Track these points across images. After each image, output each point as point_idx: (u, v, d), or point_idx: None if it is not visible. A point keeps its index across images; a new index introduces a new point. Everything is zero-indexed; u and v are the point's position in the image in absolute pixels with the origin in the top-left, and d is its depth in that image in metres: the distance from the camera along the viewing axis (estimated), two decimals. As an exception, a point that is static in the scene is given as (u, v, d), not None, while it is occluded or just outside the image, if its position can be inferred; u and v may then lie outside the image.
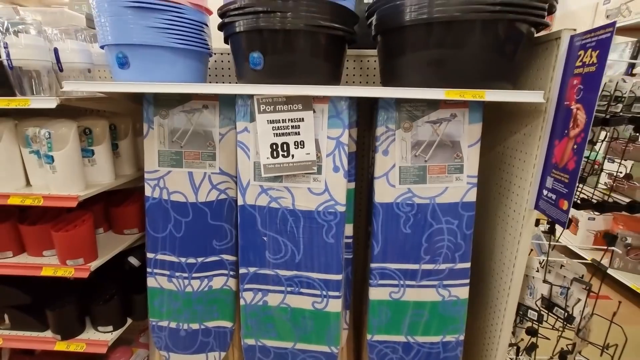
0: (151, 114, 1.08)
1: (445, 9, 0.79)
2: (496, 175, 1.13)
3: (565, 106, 0.85)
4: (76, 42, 1.01)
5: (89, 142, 1.08)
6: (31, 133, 1.01)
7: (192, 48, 0.96)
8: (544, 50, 0.91)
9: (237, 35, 0.90)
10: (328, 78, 0.95)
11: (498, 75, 0.88)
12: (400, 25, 0.86)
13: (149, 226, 1.12)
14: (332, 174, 0.96)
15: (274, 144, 0.92)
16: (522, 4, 0.77)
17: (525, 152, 0.98)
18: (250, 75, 0.92)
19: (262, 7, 0.82)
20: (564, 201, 0.83)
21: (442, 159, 1.00)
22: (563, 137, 0.85)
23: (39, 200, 0.97)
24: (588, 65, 0.77)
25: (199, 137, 1.09)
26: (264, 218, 1.00)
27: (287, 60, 0.87)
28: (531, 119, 0.95)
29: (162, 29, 0.89)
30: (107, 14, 0.88)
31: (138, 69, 0.92)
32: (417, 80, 0.89)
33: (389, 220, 1.02)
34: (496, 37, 0.82)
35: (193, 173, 1.10)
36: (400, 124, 0.99)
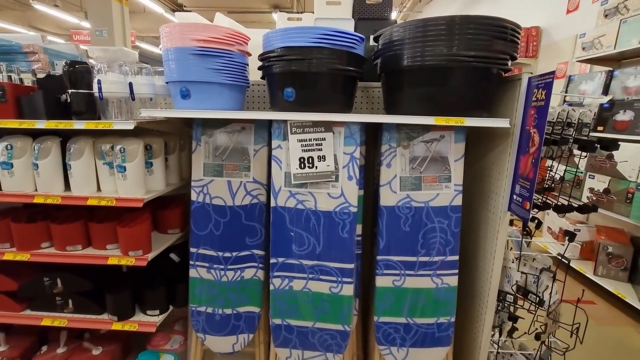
0: (199, 133, 1.34)
1: (434, 57, 1.06)
2: (478, 184, 1.38)
3: (526, 130, 1.11)
4: (145, 78, 1.28)
5: (149, 156, 1.33)
6: (105, 148, 1.26)
7: (237, 83, 1.23)
8: (511, 87, 1.18)
9: (274, 75, 1.17)
10: (344, 107, 1.21)
11: (476, 106, 1.14)
12: (400, 68, 1.14)
13: (193, 225, 1.36)
14: (347, 182, 1.21)
15: (302, 157, 1.17)
16: (490, 56, 1.05)
17: (499, 165, 1.24)
18: (283, 105, 1.18)
19: (294, 56, 1.09)
20: (527, 202, 1.07)
21: (434, 171, 1.25)
22: (525, 153, 1.10)
23: (111, 202, 1.22)
24: (539, 100, 1.03)
25: (237, 152, 1.34)
26: (292, 217, 1.24)
27: (312, 94, 1.14)
28: (503, 139, 1.21)
29: (216, 70, 1.16)
30: (174, 58, 1.15)
31: (196, 99, 1.19)
32: (413, 109, 1.16)
33: (392, 220, 1.26)
34: (473, 78, 1.09)
35: (231, 181, 1.35)
36: (400, 143, 1.24)
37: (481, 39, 1.04)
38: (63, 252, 1.31)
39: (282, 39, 1.11)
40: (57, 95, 1.23)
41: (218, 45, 1.13)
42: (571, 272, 2.82)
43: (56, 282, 1.36)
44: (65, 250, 1.31)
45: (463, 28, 1.03)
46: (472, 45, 1.03)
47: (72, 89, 1.19)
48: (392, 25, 1.14)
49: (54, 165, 1.27)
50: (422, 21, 1.07)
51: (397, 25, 1.12)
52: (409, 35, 1.09)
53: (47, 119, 1.20)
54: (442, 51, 1.05)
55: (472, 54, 1.03)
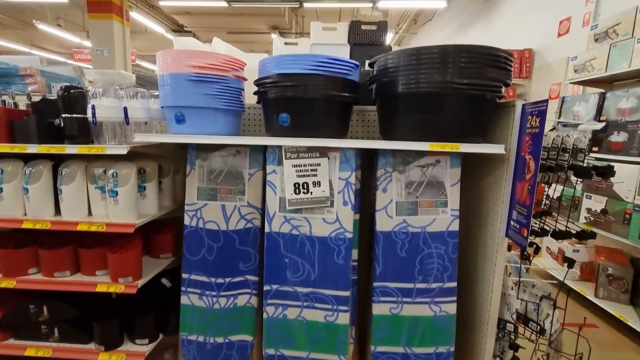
0: (194, 157, 1.33)
1: (428, 85, 1.07)
2: (475, 209, 1.37)
3: (522, 156, 1.10)
4: (140, 102, 1.28)
5: (142, 180, 1.31)
6: (98, 172, 1.25)
7: (232, 108, 1.23)
8: (505, 113, 1.19)
9: (269, 100, 1.17)
10: (339, 132, 1.21)
11: (471, 132, 1.14)
12: (394, 94, 1.14)
13: (186, 250, 1.33)
14: (342, 207, 1.19)
15: (296, 183, 1.16)
16: (484, 83, 1.06)
17: (496, 190, 1.23)
18: (278, 130, 1.18)
19: (290, 83, 1.10)
20: (524, 229, 1.06)
21: (430, 196, 1.24)
22: (522, 179, 1.10)
23: (102, 227, 1.19)
24: (534, 127, 1.03)
25: (231, 176, 1.33)
26: (286, 243, 1.21)
27: (307, 120, 1.14)
28: (498, 165, 1.21)
29: (212, 95, 1.17)
30: (170, 84, 1.16)
31: (191, 124, 1.18)
32: (408, 134, 1.16)
33: (388, 245, 1.24)
34: (467, 105, 1.10)
35: (225, 205, 1.33)
36: (395, 168, 1.24)
37: (474, 67, 1.05)
38: (51, 278, 1.27)
39: (277, 65, 1.12)
40: (50, 119, 1.22)
41: (213, 71, 1.14)
42: (572, 294, 2.77)
43: (42, 309, 1.31)
44: (53, 276, 1.27)
45: (456, 57, 1.04)
46: (465, 73, 1.04)
47: (66, 113, 1.19)
48: (387, 53, 1.16)
49: (45, 189, 1.25)
50: (415, 50, 1.08)
51: (392, 53, 1.14)
52: (403, 62, 1.10)
53: (39, 143, 1.19)
54: (436, 78, 1.06)
55: (466, 81, 1.04)
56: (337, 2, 6.06)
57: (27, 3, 7.32)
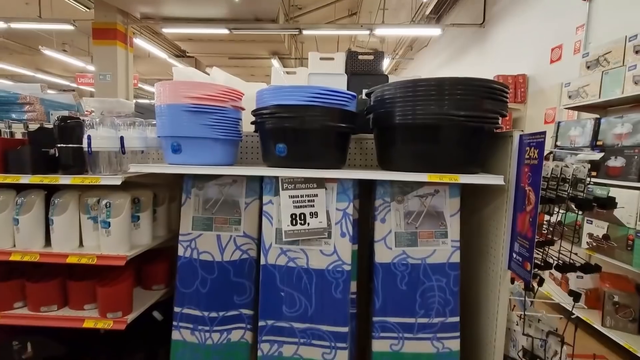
0: (190, 186, 1.31)
1: (425, 116, 1.07)
2: (476, 239, 1.34)
3: (522, 187, 1.09)
4: (137, 131, 1.28)
5: (136, 209, 1.29)
6: (91, 202, 1.23)
7: (229, 138, 1.23)
8: (503, 143, 1.19)
9: (266, 130, 1.17)
10: (336, 162, 1.20)
11: (469, 162, 1.14)
12: (392, 125, 1.14)
13: (179, 282, 1.29)
14: (340, 239, 1.16)
15: (293, 214, 1.14)
16: (480, 115, 1.06)
17: (496, 221, 1.21)
18: (275, 160, 1.17)
19: (287, 114, 1.10)
20: (527, 263, 1.03)
21: (430, 226, 1.21)
22: (522, 211, 1.08)
23: (92, 259, 1.15)
24: (532, 159, 1.03)
25: (227, 205, 1.31)
26: (283, 276, 1.18)
27: (304, 150, 1.13)
28: (498, 195, 1.19)
29: (209, 125, 1.16)
30: (167, 114, 1.16)
31: (187, 154, 1.17)
32: (406, 164, 1.15)
33: (388, 278, 1.20)
34: (465, 135, 1.09)
35: (221, 235, 1.30)
36: (394, 198, 1.22)
37: (470, 99, 1.05)
38: (36, 313, 1.22)
39: (275, 97, 1.13)
40: (46, 149, 1.21)
41: (210, 102, 1.14)
42: (578, 322, 2.68)
43: (26, 346, 1.25)
44: (39, 311, 1.22)
45: (452, 89, 1.05)
46: (462, 105, 1.05)
47: (62, 143, 1.18)
48: (384, 84, 1.16)
49: (35, 220, 1.22)
50: (412, 81, 1.09)
51: (388, 85, 1.15)
52: (400, 94, 1.11)
53: (33, 173, 1.17)
54: (433, 110, 1.06)
55: (463, 113, 1.04)
56: (335, 30, 6.26)
57: (35, 30, 7.55)
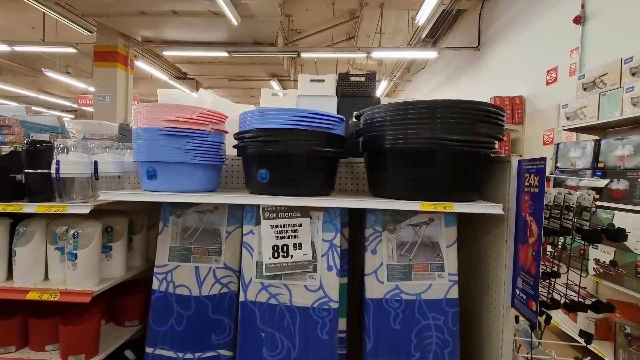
0: (168, 213, 1.23)
1: (417, 140, 1.00)
2: (476, 270, 1.24)
3: (522, 216, 1.00)
4: (112, 155, 1.21)
5: (108, 239, 1.20)
6: (60, 232, 1.14)
7: (210, 162, 1.15)
8: (500, 168, 1.11)
9: (248, 155, 1.10)
10: (323, 188, 1.12)
11: (465, 189, 1.06)
12: (382, 149, 1.07)
13: (152, 320, 1.18)
14: (326, 273, 1.07)
15: (275, 245, 1.05)
16: (474, 140, 0.99)
17: (496, 252, 1.11)
18: (257, 186, 1.09)
19: (270, 137, 1.03)
20: (532, 302, 0.93)
21: (425, 258, 1.12)
22: (524, 243, 0.99)
23: (55, 296, 1.05)
24: (533, 186, 0.95)
25: (207, 234, 1.22)
26: (263, 314, 1.07)
27: (288, 176, 1.06)
28: (497, 224, 1.10)
29: (187, 150, 1.09)
30: (142, 137, 1.09)
31: (164, 180, 1.10)
32: (397, 191, 1.07)
33: (380, 315, 1.09)
34: (459, 161, 1.02)
35: (199, 267, 1.20)
36: (386, 227, 1.13)
37: (464, 123, 0.99)
38: (-8, 355, 1.10)
39: (257, 120, 1.06)
40: (14, 174, 1.13)
41: (188, 125, 1.08)
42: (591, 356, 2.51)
43: (-21, 392, 1.13)
44: (-5, 352, 1.11)
45: (445, 112, 0.99)
46: (455, 129, 0.98)
47: (30, 168, 1.11)
48: (373, 107, 1.10)
49: (-2, 251, 1.13)
50: (402, 104, 1.03)
51: (378, 107, 1.09)
52: (390, 117, 1.04)
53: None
54: (425, 134, 0.99)
55: (457, 137, 0.97)
56: (333, 53, 6.35)
57: (38, 53, 7.69)
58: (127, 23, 5.52)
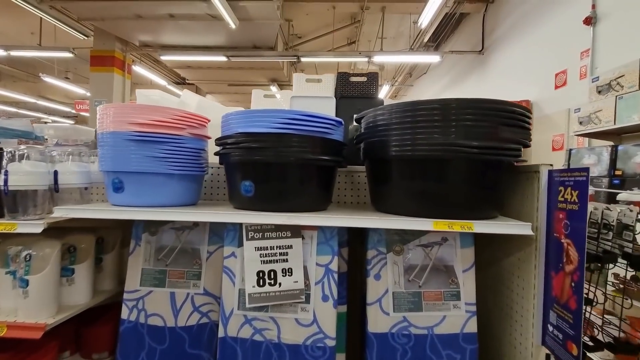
0: (140, 230, 1.07)
1: (427, 147, 0.84)
2: (496, 297, 1.07)
3: (555, 238, 0.84)
4: (77, 164, 1.06)
5: (71, 261, 1.04)
6: (13, 253, 0.98)
7: (187, 172, 1.00)
8: (525, 180, 0.95)
9: (230, 164, 0.94)
10: (318, 202, 0.96)
11: (485, 204, 0.90)
12: (386, 157, 0.92)
13: (120, 355, 1.01)
14: (321, 304, 0.90)
15: (260, 271, 0.88)
16: (495, 146, 0.83)
17: (522, 279, 0.94)
18: (241, 200, 0.93)
19: (255, 144, 0.88)
20: (572, 344, 0.76)
21: (437, 285, 0.95)
22: (559, 270, 0.82)
23: (1, 330, 0.89)
24: (571, 202, 0.78)
25: (185, 255, 1.06)
26: (246, 352, 0.90)
27: (277, 189, 0.90)
28: (523, 245, 0.94)
29: (159, 158, 0.94)
30: (108, 144, 0.94)
31: (133, 193, 0.94)
32: (405, 206, 0.91)
33: (384, 353, 0.92)
34: (477, 171, 0.86)
35: (175, 293, 1.04)
36: (391, 247, 0.97)
37: (484, 126, 0.83)
38: None
39: (241, 122, 0.91)
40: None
41: (161, 129, 0.93)
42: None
43: None
44: None
45: (461, 113, 0.83)
46: (473, 133, 0.82)
47: (-23, 179, 0.95)
48: (376, 107, 0.95)
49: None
50: (410, 104, 0.87)
51: (382, 108, 0.93)
52: (396, 119, 0.89)
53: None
54: (437, 139, 0.84)
55: (475, 143, 0.82)
56: (333, 57, 6.24)
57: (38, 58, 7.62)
58: (123, 27, 5.43)
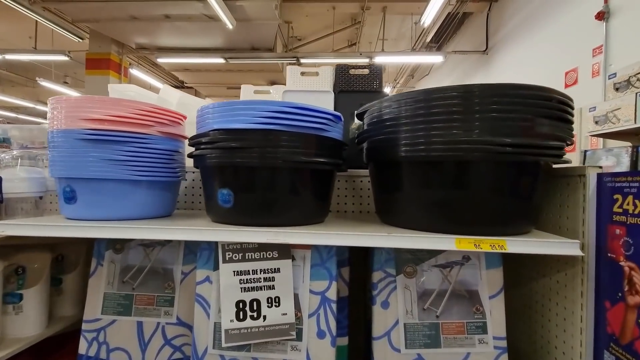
0: (103, 247, 0.90)
1: (445, 145, 0.68)
2: (528, 329, 0.89)
3: (609, 259, 0.67)
4: (27, 169, 0.89)
5: (18, 285, 0.88)
6: (-54, 276, 0.82)
7: (158, 179, 0.83)
8: (566, 186, 0.78)
9: (206, 168, 0.78)
10: (312, 215, 0.80)
11: (518, 215, 0.72)
12: (394, 159, 0.75)
13: (75, 398, 0.84)
14: (316, 341, 0.73)
15: (240, 301, 0.71)
16: (533, 144, 0.66)
17: (563, 307, 0.77)
18: (219, 213, 0.77)
19: (234, 142, 0.71)
20: (643, 402, 0.58)
21: (459, 315, 0.78)
22: (617, 300, 0.65)
23: None
24: (634, 215, 0.61)
25: (156, 276, 0.89)
26: (223, 402, 0.73)
27: (262, 199, 0.73)
28: (564, 265, 0.76)
29: (122, 161, 0.77)
30: (59, 145, 0.77)
31: (88, 204, 0.78)
32: (418, 218, 0.74)
33: (395, 400, 0.75)
34: (510, 175, 0.69)
35: (143, 323, 0.87)
36: (401, 268, 0.80)
37: (516, 119, 0.66)
38: None
39: (218, 117, 0.74)
40: None
41: (121, 126, 0.76)
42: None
43: None
44: None
45: (487, 102, 0.66)
46: (502, 128, 0.66)
47: None
48: (382, 99, 0.78)
49: None
50: (424, 93, 0.71)
51: (390, 99, 0.76)
52: (406, 112, 0.72)
53: None
54: (457, 136, 0.67)
55: (505, 140, 0.65)
56: (334, 58, 6.10)
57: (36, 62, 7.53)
58: (118, 29, 5.31)
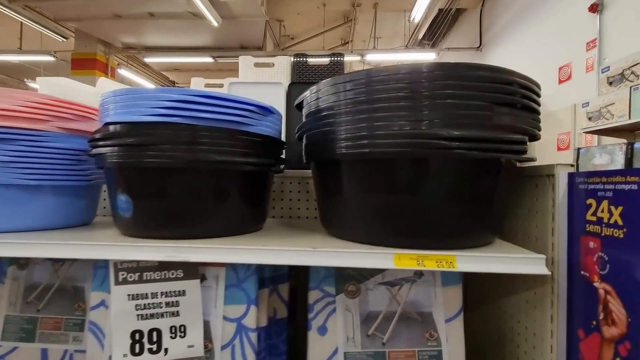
0: (5, 263, 0.78)
1: (390, 140, 0.55)
2: (493, 351, 0.77)
3: (583, 277, 0.54)
4: None
5: None
6: None
7: (62, 183, 0.71)
8: (533, 188, 0.66)
9: (104, 170, 0.66)
10: (239, 225, 0.67)
11: (474, 224, 0.60)
12: (332, 157, 0.63)
13: None
14: (231, 379, 0.60)
15: (136, 331, 0.59)
16: (492, 137, 0.54)
17: (532, 333, 0.65)
18: (120, 223, 0.65)
19: (129, 138, 0.59)
20: None
21: (409, 342, 0.66)
22: (591, 330, 0.52)
23: None
24: (609, 225, 0.49)
25: (65, 295, 0.77)
26: None
27: (166, 207, 0.61)
28: (532, 282, 0.64)
29: (8, 163, 0.65)
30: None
31: (-34, 213, 0.66)
32: (357, 228, 0.62)
33: None
34: (465, 175, 0.57)
35: (49, 351, 0.75)
36: (342, 287, 0.67)
37: (472, 106, 0.54)
38: None
39: (113, 109, 0.62)
40: None
41: (7, 121, 0.64)
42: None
43: None
44: None
45: (439, 87, 0.54)
46: (457, 118, 0.53)
47: None
48: (318, 84, 0.66)
49: None
50: (365, 74, 0.58)
51: (325, 83, 0.64)
52: (345, 100, 0.60)
53: None
54: (404, 128, 0.55)
55: (459, 134, 0.52)
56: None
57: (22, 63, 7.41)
58: (103, 28, 5.19)
